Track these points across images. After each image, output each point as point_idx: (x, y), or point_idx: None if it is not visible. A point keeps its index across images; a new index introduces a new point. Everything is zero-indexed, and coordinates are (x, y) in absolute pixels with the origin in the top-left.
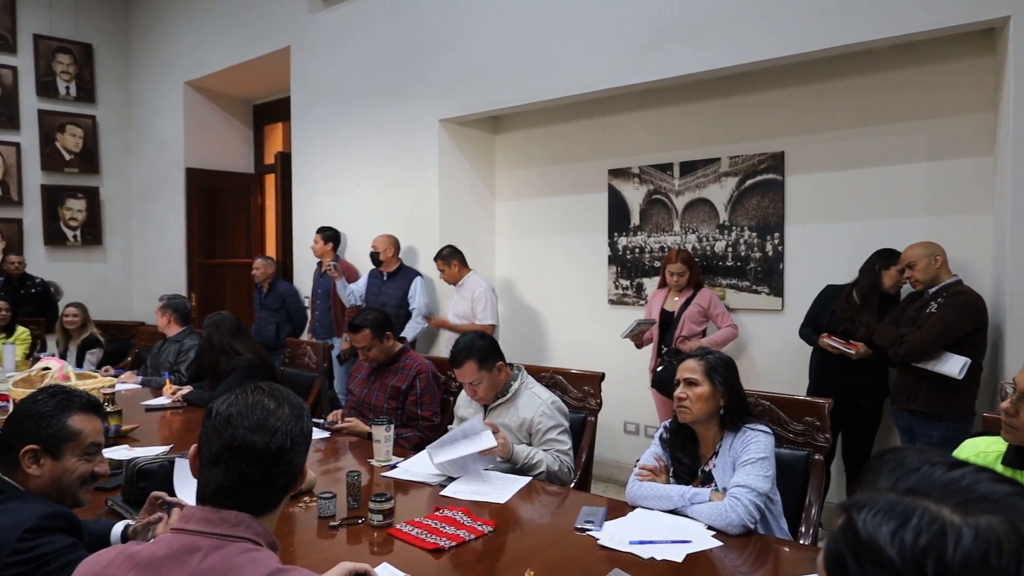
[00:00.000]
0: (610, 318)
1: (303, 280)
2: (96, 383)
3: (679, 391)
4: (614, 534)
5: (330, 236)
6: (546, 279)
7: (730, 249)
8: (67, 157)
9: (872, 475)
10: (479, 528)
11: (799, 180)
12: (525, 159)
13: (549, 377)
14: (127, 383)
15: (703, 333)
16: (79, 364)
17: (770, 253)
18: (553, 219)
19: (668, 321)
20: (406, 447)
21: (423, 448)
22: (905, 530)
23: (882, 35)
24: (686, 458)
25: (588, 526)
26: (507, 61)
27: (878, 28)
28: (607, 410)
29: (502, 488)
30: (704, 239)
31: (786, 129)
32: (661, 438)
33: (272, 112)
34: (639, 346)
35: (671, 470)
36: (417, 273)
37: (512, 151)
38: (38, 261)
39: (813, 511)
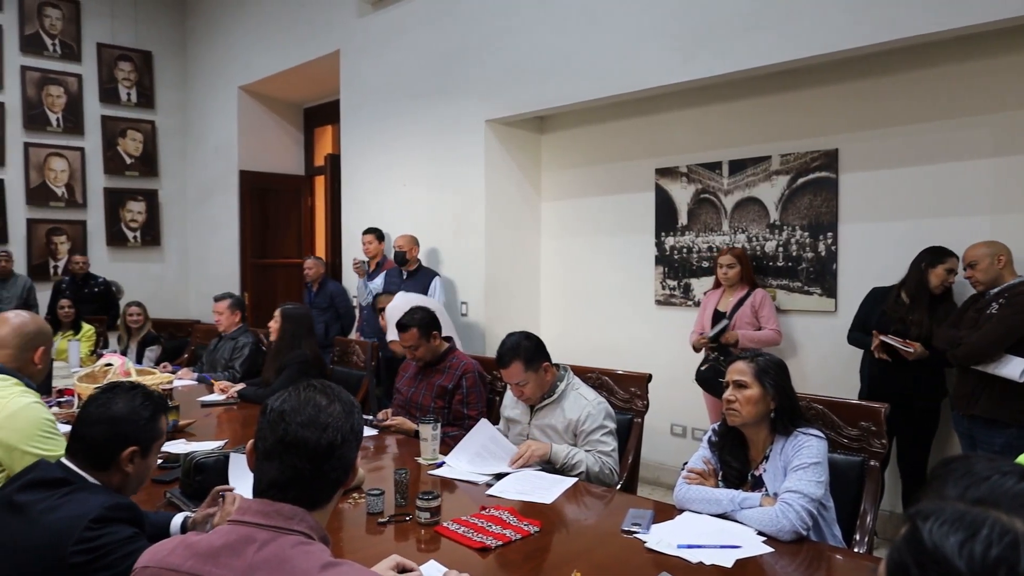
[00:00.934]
0: (657, 319)
1: (351, 280)
2: (156, 379)
3: (728, 393)
4: (661, 537)
5: (381, 236)
6: (592, 279)
7: (781, 249)
8: (128, 161)
9: (938, 483)
10: (525, 528)
11: (854, 178)
12: (571, 159)
13: (595, 378)
14: (184, 379)
15: None
16: (139, 360)
17: (823, 253)
18: (599, 219)
19: (720, 321)
20: (452, 446)
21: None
22: (974, 541)
23: (942, 28)
24: (735, 462)
25: (635, 528)
26: (553, 61)
27: (938, 20)
28: (654, 412)
29: (548, 489)
30: (754, 239)
31: (840, 126)
32: (710, 441)
33: (322, 115)
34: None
35: (720, 474)
36: (436, 273)
37: (558, 151)
38: (101, 261)
39: (868, 519)
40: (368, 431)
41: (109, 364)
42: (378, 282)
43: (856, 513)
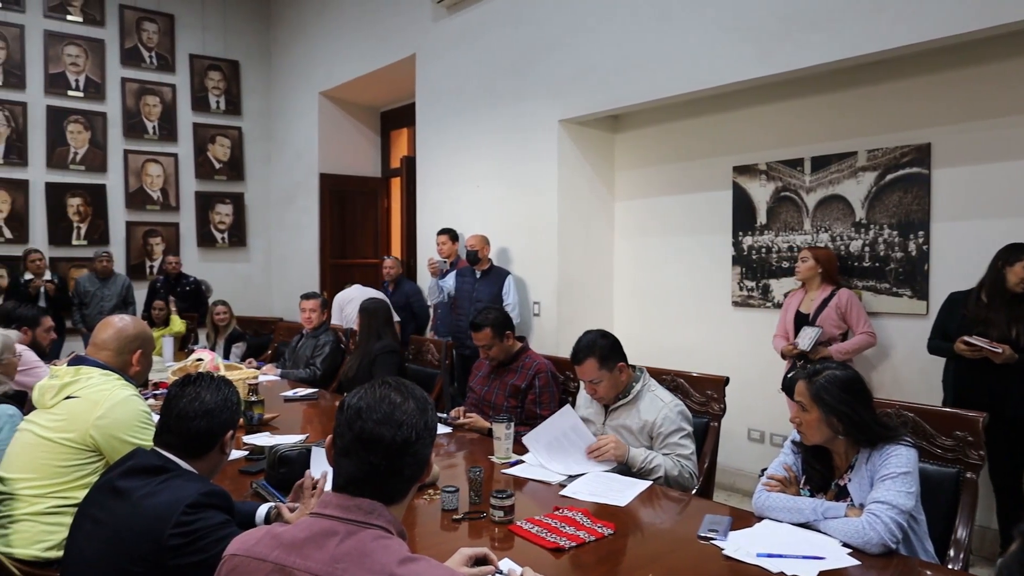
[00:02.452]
0: (734, 320)
1: (427, 280)
2: (242, 374)
3: (793, 414)
4: (740, 545)
5: (455, 236)
6: (667, 279)
7: (867, 249)
8: (217, 166)
9: None
10: (599, 530)
11: (947, 174)
12: (645, 157)
13: (670, 380)
14: (268, 375)
15: (844, 337)
16: (225, 356)
17: (913, 253)
18: (674, 218)
19: (803, 324)
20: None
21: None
22: None
23: None
24: (819, 470)
25: (712, 535)
26: (626, 58)
27: None
28: (730, 416)
29: (622, 491)
30: (838, 238)
31: (933, 119)
32: (792, 447)
33: (398, 118)
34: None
35: (801, 481)
36: (508, 272)
37: (632, 150)
38: (191, 261)
39: (963, 533)
40: (442, 428)
41: (200, 359)
42: (449, 281)
43: (950, 528)
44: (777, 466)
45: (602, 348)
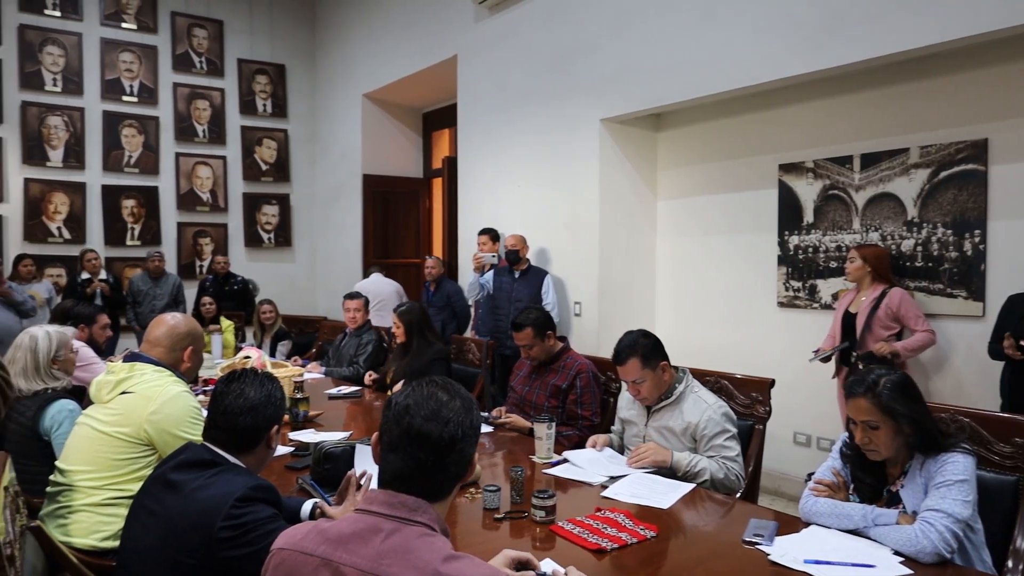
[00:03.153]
0: (779, 321)
1: (467, 279)
2: (288, 372)
3: (860, 436)
4: (786, 551)
5: (496, 236)
6: (710, 280)
7: (920, 248)
8: (263, 168)
9: None
10: (641, 532)
11: (1006, 170)
12: (689, 156)
13: (713, 382)
14: (313, 373)
15: (898, 337)
16: (272, 354)
17: (969, 252)
18: (718, 217)
19: (852, 325)
20: (567, 445)
21: (583, 447)
22: None
23: None
24: (870, 475)
25: (757, 540)
26: (669, 56)
27: None
28: (776, 419)
29: (665, 493)
30: (888, 237)
31: (990, 113)
32: (842, 451)
33: (440, 119)
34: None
35: (851, 487)
36: (546, 271)
37: (675, 148)
38: (239, 261)
39: (1023, 543)
40: (484, 428)
41: (247, 356)
42: (487, 278)
43: (1008, 537)
44: (825, 471)
45: (644, 347)
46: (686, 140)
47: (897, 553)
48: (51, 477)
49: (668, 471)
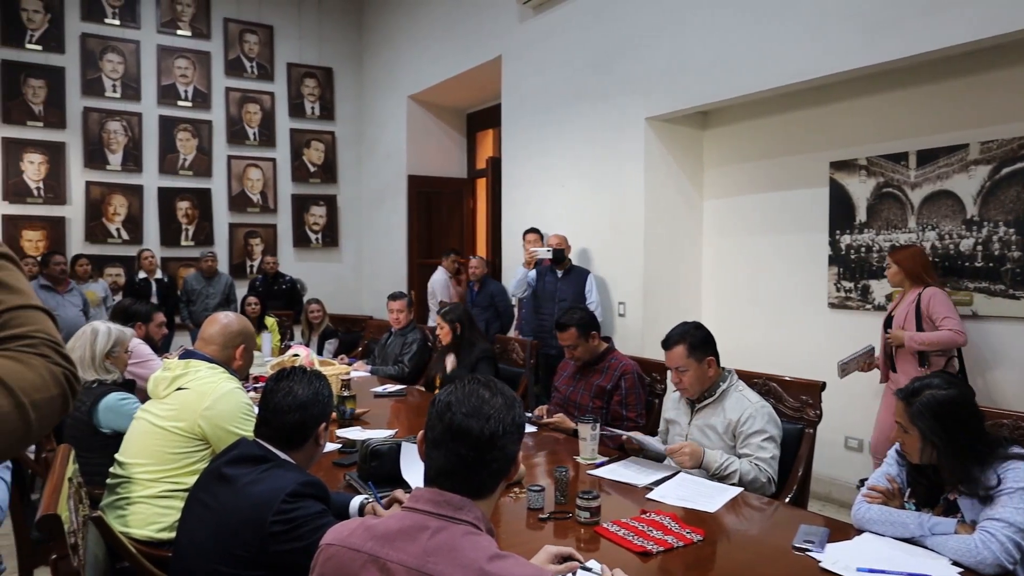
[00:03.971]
0: (831, 323)
1: (511, 279)
2: (335, 370)
3: (895, 435)
4: (838, 558)
5: (543, 236)
6: (758, 280)
7: (980, 248)
8: (311, 169)
9: None
10: (688, 536)
11: None
12: (736, 154)
13: (762, 384)
14: (359, 371)
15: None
16: (319, 352)
17: None
18: (767, 216)
19: (889, 327)
20: (611, 446)
21: (627, 449)
22: None
23: None
24: (925, 483)
25: (808, 546)
26: (717, 52)
27: None
28: (827, 423)
29: (711, 496)
30: (946, 236)
31: None
32: (897, 458)
33: (484, 119)
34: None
35: (906, 494)
36: (588, 271)
37: (722, 147)
38: (288, 261)
39: None
40: (527, 428)
41: (296, 355)
42: (531, 275)
43: None
44: (879, 477)
45: (694, 337)
46: (733, 138)
47: (955, 564)
48: (111, 469)
49: (699, 469)
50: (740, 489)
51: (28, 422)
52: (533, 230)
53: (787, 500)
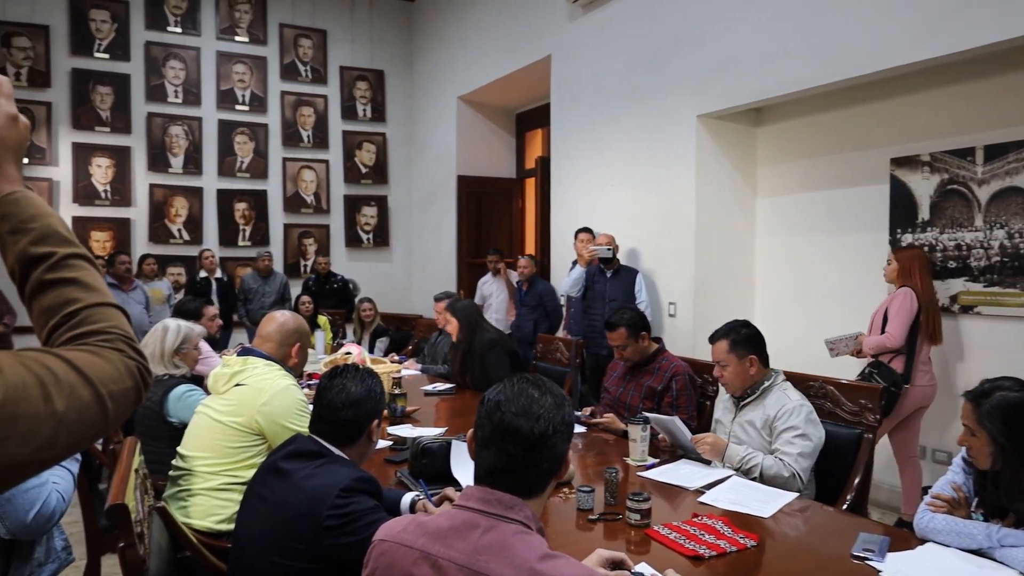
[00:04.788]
0: None
1: (560, 279)
2: (386, 368)
3: (961, 438)
4: (899, 568)
5: (595, 235)
6: (814, 280)
7: None
8: (363, 170)
9: None
10: (741, 541)
11: None
12: (790, 151)
13: (818, 387)
14: (410, 369)
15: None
16: (370, 350)
17: None
18: (823, 215)
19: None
20: (661, 447)
21: (675, 451)
22: None
23: None
24: (995, 492)
25: (867, 555)
26: (770, 47)
27: None
28: None
29: (765, 501)
30: (1016, 235)
31: None
32: (963, 465)
33: (533, 119)
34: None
35: (973, 504)
36: (637, 270)
37: (776, 144)
38: (340, 261)
39: None
40: (576, 428)
41: (348, 353)
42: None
43: None
44: (944, 485)
45: (738, 334)
46: (788, 135)
47: None
48: (173, 462)
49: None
50: (795, 495)
51: (106, 412)
52: (585, 229)
53: (844, 507)
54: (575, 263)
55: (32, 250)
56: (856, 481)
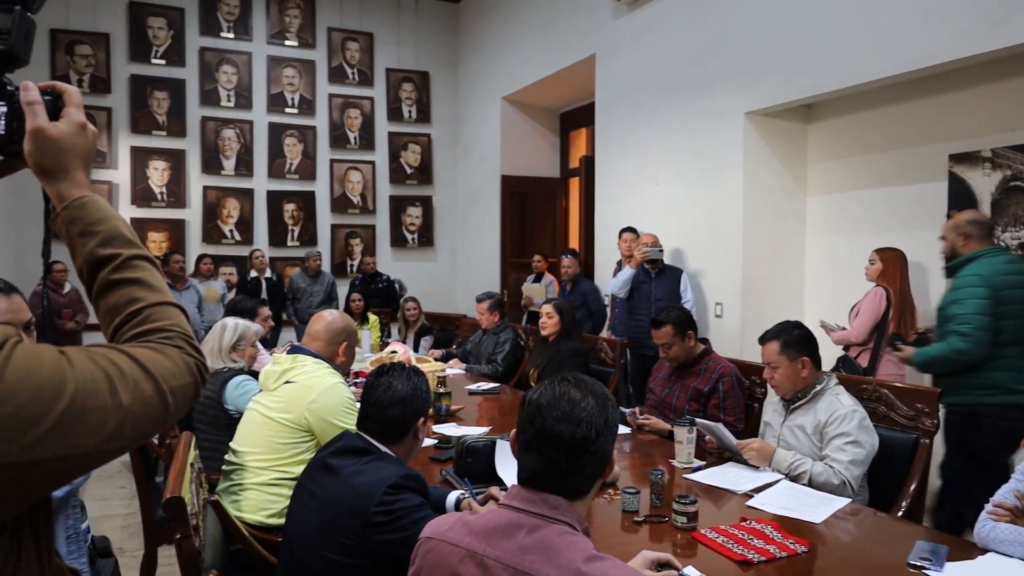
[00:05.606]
0: None
1: (604, 279)
2: (431, 367)
3: None
4: None
5: (639, 236)
6: (865, 281)
7: None
8: (408, 171)
9: None
10: (791, 546)
11: None
12: (842, 149)
13: (872, 390)
14: (454, 368)
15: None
16: (415, 349)
17: None
18: (877, 213)
19: None
20: (708, 449)
21: (723, 454)
22: None
23: None
24: None
25: (924, 564)
26: (822, 41)
27: None
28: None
29: (816, 506)
30: None
31: None
32: None
33: (577, 118)
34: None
35: None
36: (681, 270)
37: (827, 141)
38: (385, 260)
39: None
40: (622, 429)
41: (394, 351)
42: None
43: None
44: (1007, 493)
45: (790, 336)
46: (840, 131)
47: None
48: (226, 456)
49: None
50: (848, 500)
51: (167, 406)
52: (630, 229)
53: (899, 514)
54: (619, 263)
55: (99, 252)
56: (912, 487)
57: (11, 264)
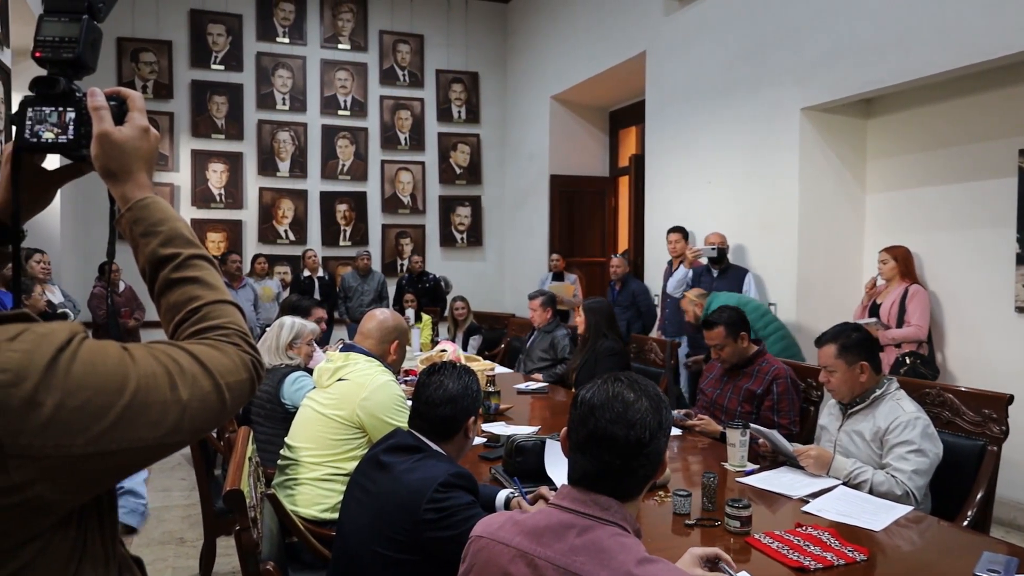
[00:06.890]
0: (1019, 329)
1: (654, 278)
2: (480, 366)
3: None
4: None
5: (686, 235)
6: (931, 281)
7: None
8: (457, 171)
9: None
10: (850, 554)
11: None
12: (903, 144)
13: (935, 394)
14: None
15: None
16: (464, 348)
17: None
18: (940, 211)
19: (876, 315)
20: (761, 453)
21: (777, 458)
22: None
23: None
24: None
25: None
26: (883, 33)
27: None
28: (1014, 440)
29: (876, 513)
30: None
31: None
32: None
33: (626, 117)
34: None
35: None
36: (747, 270)
37: (887, 136)
38: (434, 260)
39: None
40: (672, 431)
41: (444, 350)
42: (689, 275)
43: None
44: None
45: (847, 338)
46: (901, 126)
47: None
48: (281, 451)
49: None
50: (911, 507)
51: (224, 401)
52: (677, 229)
53: (965, 524)
54: (670, 263)
55: (160, 251)
56: (979, 496)
57: (80, 264)
